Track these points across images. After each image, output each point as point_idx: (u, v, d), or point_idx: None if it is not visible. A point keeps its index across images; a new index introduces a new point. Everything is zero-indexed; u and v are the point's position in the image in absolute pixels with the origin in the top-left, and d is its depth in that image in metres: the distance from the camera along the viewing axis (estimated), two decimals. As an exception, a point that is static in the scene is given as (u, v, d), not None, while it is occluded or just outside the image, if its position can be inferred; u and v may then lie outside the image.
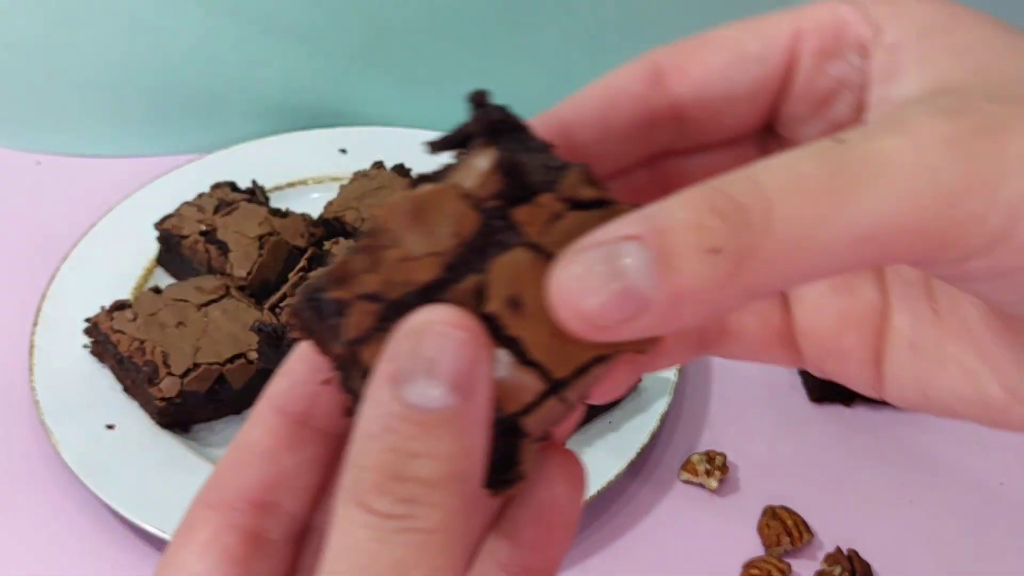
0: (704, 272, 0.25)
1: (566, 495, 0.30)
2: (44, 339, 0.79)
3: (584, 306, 0.26)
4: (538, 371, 0.28)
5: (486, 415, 0.27)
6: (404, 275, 0.28)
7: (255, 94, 1.02)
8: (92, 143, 1.02)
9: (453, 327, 0.26)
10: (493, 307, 0.28)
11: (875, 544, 0.71)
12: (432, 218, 0.28)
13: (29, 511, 0.73)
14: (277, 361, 0.78)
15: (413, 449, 0.26)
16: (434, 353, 0.26)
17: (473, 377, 0.26)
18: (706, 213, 0.26)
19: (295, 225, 0.86)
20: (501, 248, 0.28)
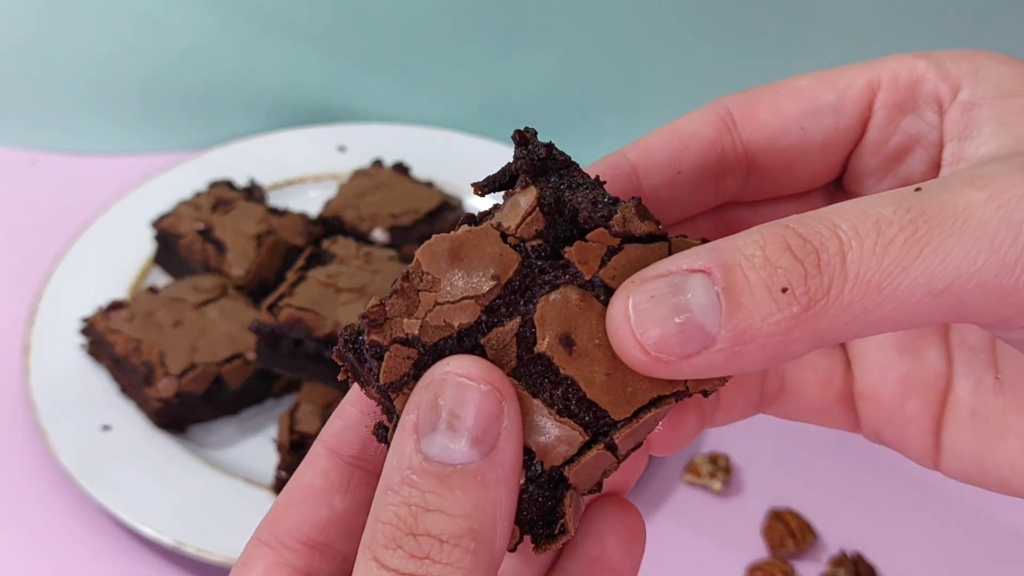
0: (772, 312, 0.25)
1: (619, 551, 0.29)
2: (40, 339, 0.79)
3: (646, 337, 0.25)
4: (589, 415, 0.27)
5: (512, 471, 0.26)
6: (441, 319, 0.27)
7: (253, 90, 1.02)
8: (88, 140, 1.01)
9: (475, 380, 0.26)
10: (544, 347, 0.27)
11: (880, 547, 0.71)
12: (470, 260, 0.27)
13: (25, 513, 0.73)
14: (275, 361, 0.79)
15: (430, 504, 0.25)
16: (454, 406, 0.26)
17: (495, 432, 0.26)
18: (778, 251, 0.25)
19: (293, 224, 0.85)
20: (548, 287, 0.28)
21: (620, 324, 0.26)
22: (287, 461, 0.70)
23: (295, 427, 0.71)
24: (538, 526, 0.28)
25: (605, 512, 0.30)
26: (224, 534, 0.68)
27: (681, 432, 0.31)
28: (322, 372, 0.72)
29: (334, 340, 0.71)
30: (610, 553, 0.29)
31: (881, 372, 0.33)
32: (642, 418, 0.27)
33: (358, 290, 0.73)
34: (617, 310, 0.26)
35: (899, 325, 0.25)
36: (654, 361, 0.25)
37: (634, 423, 0.27)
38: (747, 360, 0.25)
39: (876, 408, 0.33)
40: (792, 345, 0.25)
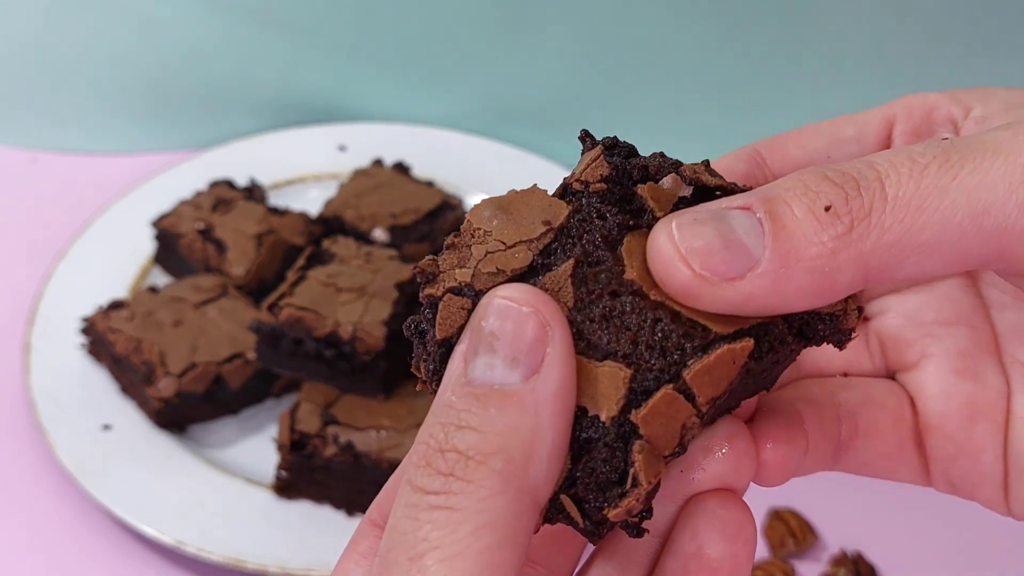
0: (817, 231, 0.25)
1: (717, 548, 0.28)
2: (40, 339, 0.79)
3: (690, 251, 0.25)
4: (669, 349, 0.27)
5: (556, 399, 0.25)
6: (493, 265, 0.27)
7: (253, 90, 1.02)
8: (88, 140, 1.01)
9: (518, 302, 0.26)
10: (634, 275, 0.27)
11: (880, 546, 0.71)
12: (520, 213, 0.28)
13: (25, 512, 0.73)
14: (275, 361, 0.79)
15: (463, 421, 0.25)
16: (495, 327, 0.25)
17: (537, 354, 0.25)
18: (817, 180, 0.26)
19: (293, 223, 0.85)
20: (621, 229, 0.28)
21: (663, 242, 0.26)
22: (288, 460, 0.70)
23: (296, 426, 0.71)
24: (609, 487, 0.26)
25: (703, 506, 0.28)
26: (224, 534, 0.68)
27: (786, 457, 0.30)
28: (322, 371, 0.72)
29: (334, 339, 0.71)
30: (707, 551, 0.28)
31: (944, 399, 0.33)
32: (718, 351, 0.26)
33: (358, 290, 0.73)
34: (660, 231, 0.26)
35: (945, 258, 0.26)
36: (697, 280, 0.25)
37: (709, 356, 0.26)
38: (793, 286, 0.25)
39: (945, 438, 0.33)
40: (839, 271, 0.25)
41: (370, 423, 0.70)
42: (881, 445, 0.33)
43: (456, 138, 1.00)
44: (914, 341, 0.33)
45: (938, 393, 0.33)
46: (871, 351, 0.35)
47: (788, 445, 0.31)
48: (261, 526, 0.69)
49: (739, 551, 0.28)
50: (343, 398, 0.72)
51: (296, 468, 0.70)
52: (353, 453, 0.69)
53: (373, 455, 0.69)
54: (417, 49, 1.00)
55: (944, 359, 0.33)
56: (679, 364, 0.26)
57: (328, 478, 0.70)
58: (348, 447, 0.69)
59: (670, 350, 0.27)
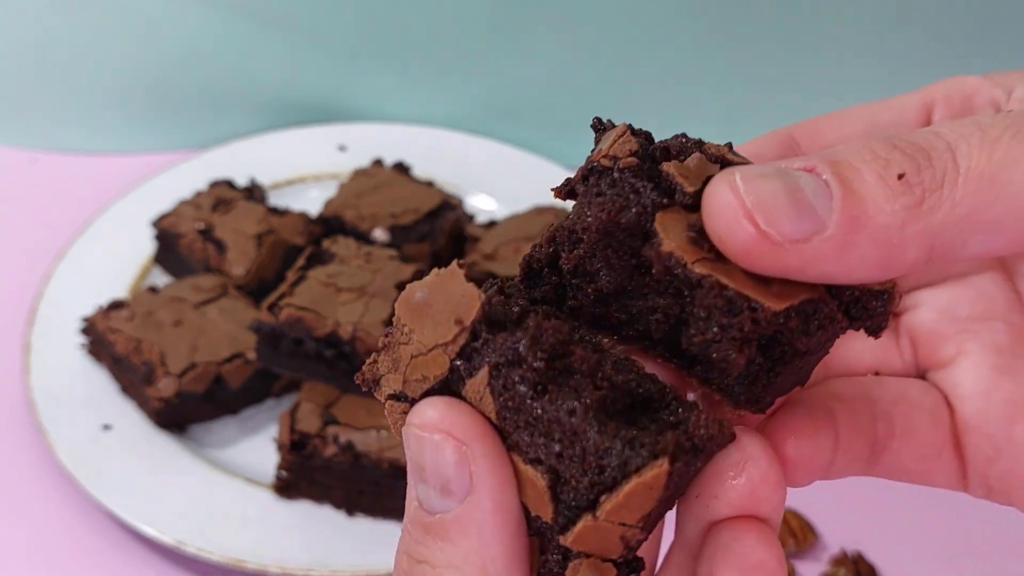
0: (888, 199, 0.24)
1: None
2: (40, 339, 0.79)
3: (756, 205, 0.24)
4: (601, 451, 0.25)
5: (496, 514, 0.25)
6: (419, 372, 0.27)
7: (253, 90, 1.02)
8: (88, 140, 1.02)
9: (428, 430, 0.25)
10: (672, 246, 0.26)
11: (880, 546, 0.71)
12: (437, 305, 0.27)
13: (24, 513, 0.73)
14: (275, 361, 0.78)
15: (418, 555, 0.25)
16: (417, 458, 0.25)
17: (463, 478, 0.25)
18: (887, 148, 0.24)
19: (293, 223, 0.85)
20: (650, 204, 0.27)
21: (726, 195, 0.24)
22: (288, 460, 0.70)
23: (295, 426, 0.71)
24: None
25: (718, 539, 0.27)
26: (224, 533, 0.68)
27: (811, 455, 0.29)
28: (322, 371, 0.72)
29: (334, 339, 0.71)
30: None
31: (984, 397, 0.31)
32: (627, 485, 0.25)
33: (358, 290, 0.73)
34: (721, 183, 0.24)
35: (1013, 236, 0.24)
36: (760, 240, 0.24)
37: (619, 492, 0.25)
38: (858, 255, 0.24)
39: (984, 437, 0.31)
40: (906, 244, 0.24)
41: (370, 423, 0.70)
42: (919, 447, 0.31)
43: (456, 138, 1.00)
44: (949, 337, 0.32)
45: (977, 391, 0.31)
46: (901, 349, 0.33)
47: (813, 441, 0.29)
48: (261, 526, 0.69)
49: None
50: (343, 398, 0.72)
51: (296, 468, 0.70)
52: (353, 453, 0.69)
53: (373, 455, 0.69)
54: (417, 50, 1.00)
55: (982, 356, 0.31)
56: (596, 487, 0.25)
57: (328, 478, 0.70)
58: (348, 447, 0.69)
59: (589, 466, 0.25)
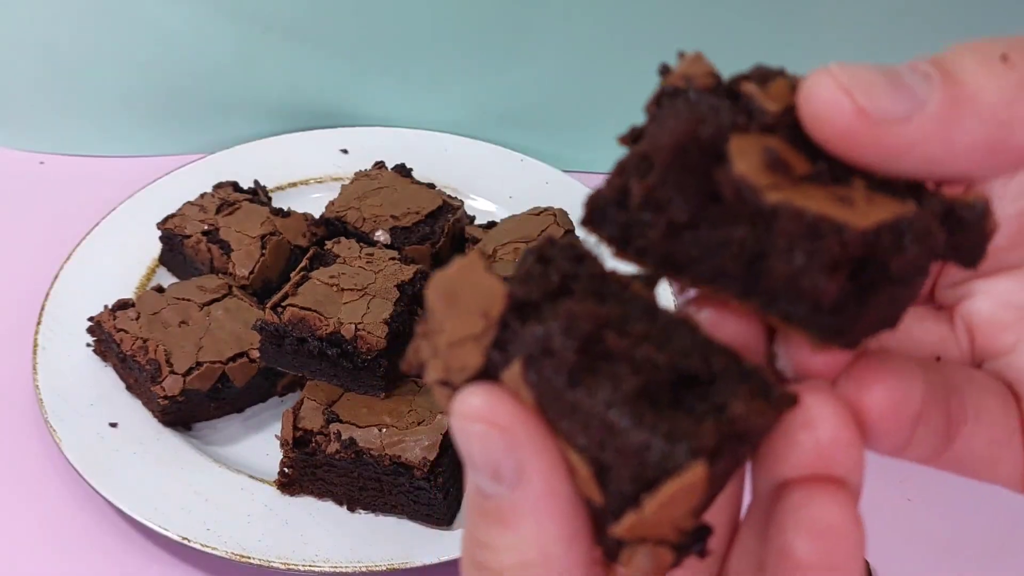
0: (991, 76, 0.23)
1: (805, 549, 0.25)
2: (47, 338, 0.79)
3: (854, 83, 0.24)
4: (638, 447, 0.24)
5: (548, 499, 0.25)
6: (458, 361, 0.26)
7: (257, 95, 1.02)
8: (95, 143, 1.02)
9: (470, 420, 0.25)
10: (742, 168, 0.25)
11: (874, 543, 0.70)
12: (463, 297, 0.26)
13: (32, 509, 0.74)
14: (279, 360, 0.79)
15: (482, 539, 0.26)
16: (464, 447, 0.25)
17: (511, 465, 0.25)
18: (987, 40, 0.24)
19: (297, 225, 0.86)
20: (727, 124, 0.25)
21: (822, 80, 0.24)
22: (291, 457, 0.71)
23: (298, 424, 0.71)
24: None
25: (787, 501, 0.26)
26: (229, 529, 0.69)
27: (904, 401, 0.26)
28: (325, 370, 0.73)
29: (337, 339, 0.72)
30: (794, 550, 0.25)
31: None
32: (666, 488, 0.24)
33: (360, 290, 0.74)
34: (816, 74, 0.24)
35: None
36: (860, 117, 0.23)
37: (660, 492, 0.24)
38: (962, 134, 0.23)
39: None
40: (1015, 123, 0.23)
41: (372, 421, 0.71)
42: (991, 430, 0.29)
43: (456, 141, 1.00)
44: (1010, 324, 0.30)
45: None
46: (958, 338, 0.32)
47: (902, 387, 0.27)
48: (265, 522, 0.70)
49: (833, 549, 0.25)
50: (345, 396, 0.73)
51: (299, 465, 0.71)
52: (355, 450, 0.70)
53: (375, 452, 0.69)
54: (418, 55, 1.01)
55: None
56: (637, 483, 0.24)
57: (330, 474, 0.71)
58: (350, 444, 0.70)
59: (628, 460, 0.24)
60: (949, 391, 0.29)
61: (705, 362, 0.26)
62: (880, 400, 0.26)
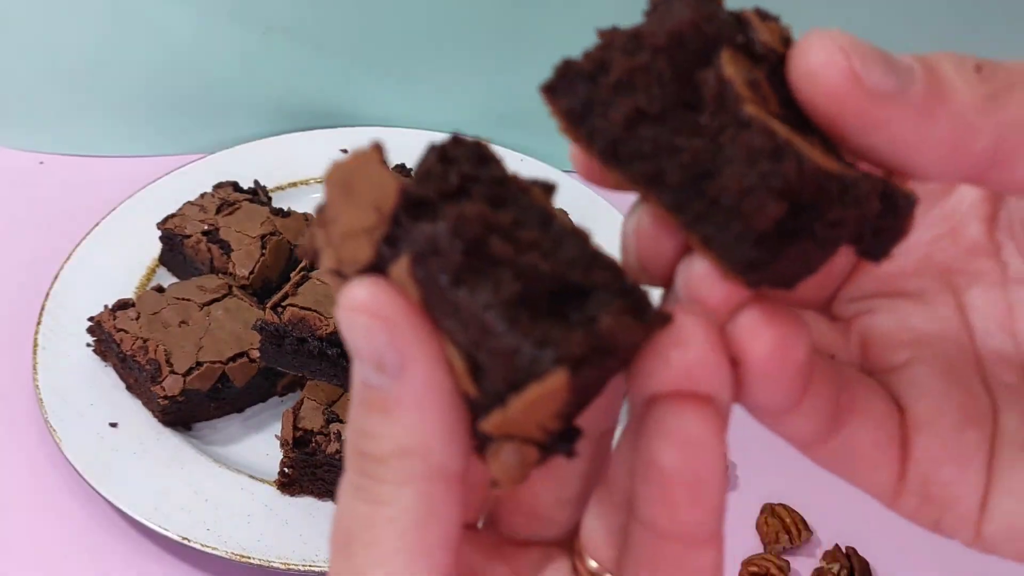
0: (966, 83, 0.25)
1: (670, 459, 0.26)
2: (48, 338, 0.80)
3: (852, 50, 0.25)
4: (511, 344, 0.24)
5: (429, 391, 0.26)
6: (350, 253, 0.26)
7: (257, 95, 1.02)
8: (95, 143, 1.02)
9: (356, 311, 0.26)
10: (730, 72, 0.26)
11: (874, 542, 0.71)
12: (358, 189, 0.26)
13: (33, 509, 0.74)
14: (279, 359, 0.79)
15: (363, 427, 0.26)
16: (349, 336, 0.26)
17: (395, 357, 0.25)
18: (958, 53, 0.26)
19: (297, 225, 0.86)
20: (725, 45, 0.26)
21: (822, 35, 0.25)
22: (291, 457, 0.71)
23: (299, 424, 0.71)
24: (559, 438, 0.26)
25: (655, 411, 0.26)
26: (229, 529, 0.69)
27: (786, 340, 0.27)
28: (325, 370, 0.73)
29: (336, 338, 0.72)
30: (659, 460, 0.26)
31: (938, 399, 0.30)
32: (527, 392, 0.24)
33: (360, 290, 0.74)
34: (816, 31, 0.25)
35: None
36: (852, 80, 0.24)
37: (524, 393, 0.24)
38: (934, 127, 0.25)
39: (935, 438, 0.30)
40: (978, 131, 0.25)
41: (372, 420, 0.71)
42: (876, 431, 0.30)
43: (457, 141, 1.00)
44: (904, 344, 0.32)
45: (932, 392, 0.31)
46: (850, 347, 0.33)
47: (791, 338, 0.26)
48: (265, 522, 0.70)
49: (696, 460, 0.26)
50: (345, 396, 0.73)
51: (299, 465, 0.71)
52: (355, 450, 0.70)
53: (375, 452, 0.69)
54: (418, 55, 1.01)
55: (935, 363, 0.31)
56: (505, 383, 0.25)
57: (330, 474, 0.71)
58: (350, 444, 0.70)
59: (498, 362, 0.25)
60: (841, 382, 0.29)
61: (587, 274, 0.26)
62: (766, 343, 0.26)
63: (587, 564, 0.30)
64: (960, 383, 0.31)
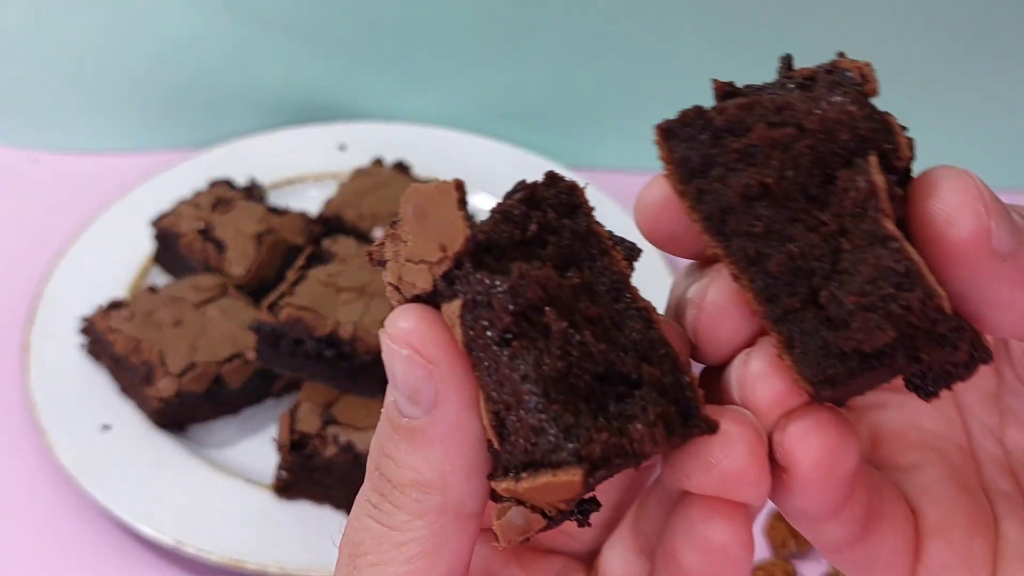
0: None
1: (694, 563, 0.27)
2: (39, 338, 0.79)
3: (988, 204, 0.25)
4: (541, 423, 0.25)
5: (455, 430, 0.26)
6: (410, 276, 0.27)
7: (253, 89, 1.02)
8: (89, 139, 1.01)
9: (398, 343, 0.26)
10: (880, 181, 0.25)
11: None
12: (430, 220, 0.26)
13: (24, 513, 0.73)
14: (275, 360, 0.78)
15: (386, 449, 0.27)
16: (389, 363, 0.27)
17: (428, 392, 0.26)
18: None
19: (293, 223, 0.85)
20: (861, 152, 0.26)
21: (968, 180, 0.25)
22: (288, 461, 0.70)
23: (295, 426, 0.71)
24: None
25: (684, 513, 0.27)
26: (224, 534, 0.68)
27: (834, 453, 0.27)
28: (322, 371, 0.72)
29: (334, 339, 0.71)
30: (682, 560, 0.27)
31: (949, 504, 0.31)
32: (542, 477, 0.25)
33: (358, 289, 0.73)
34: (959, 170, 0.25)
35: None
36: (983, 234, 0.25)
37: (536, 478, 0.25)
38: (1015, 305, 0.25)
39: (948, 544, 0.31)
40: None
41: (370, 423, 0.70)
42: (899, 536, 0.30)
43: (456, 137, 1.00)
44: (914, 445, 0.32)
45: (943, 498, 0.31)
46: (861, 438, 0.32)
47: (841, 447, 0.27)
48: (261, 526, 0.69)
49: (722, 570, 0.27)
50: (343, 398, 0.72)
51: (296, 468, 0.70)
52: (353, 453, 0.69)
53: (373, 455, 0.69)
54: (417, 48, 1.00)
55: (943, 467, 0.32)
56: (524, 458, 0.25)
57: (328, 478, 0.70)
58: (348, 447, 0.69)
59: (522, 435, 0.25)
60: (873, 487, 0.30)
61: (638, 364, 0.26)
62: (816, 453, 0.26)
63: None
64: (966, 489, 0.31)
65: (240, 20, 0.99)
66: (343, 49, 1.01)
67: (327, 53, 1.01)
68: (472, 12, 0.98)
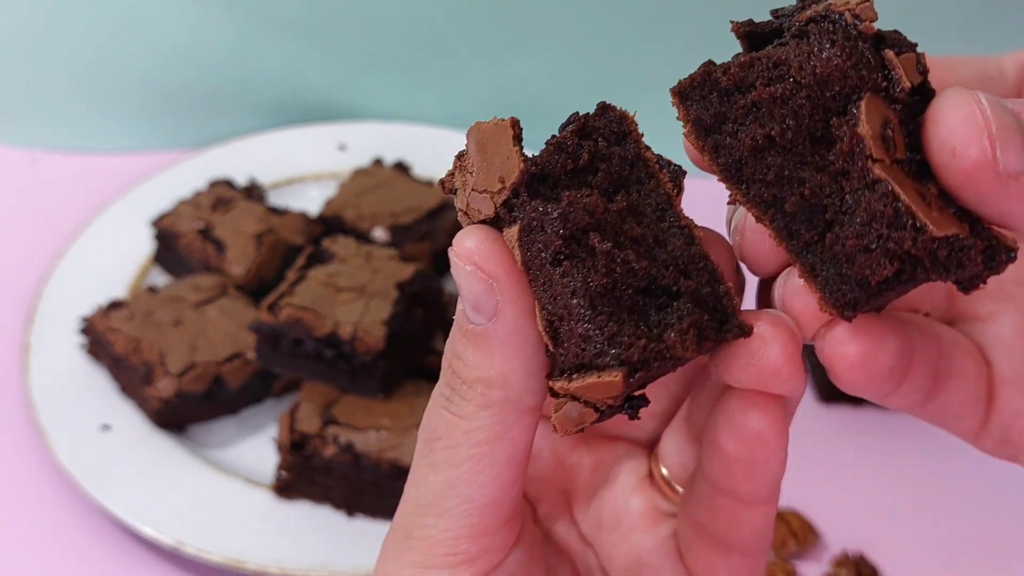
0: None
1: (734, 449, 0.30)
2: (39, 338, 0.79)
3: (999, 134, 0.26)
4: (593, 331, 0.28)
5: (515, 336, 0.29)
6: (475, 205, 0.30)
7: (253, 89, 1.02)
8: (88, 139, 1.01)
9: (463, 259, 0.29)
10: (864, 131, 0.27)
11: (882, 547, 0.71)
12: (490, 154, 0.30)
13: (24, 513, 0.73)
14: (275, 360, 0.78)
15: (457, 351, 0.31)
16: (456, 277, 0.30)
17: (490, 303, 0.29)
18: None
19: (293, 223, 0.85)
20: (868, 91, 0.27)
21: (972, 110, 0.26)
22: (287, 461, 0.70)
23: (295, 427, 0.70)
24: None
25: (725, 405, 0.30)
26: (224, 534, 0.68)
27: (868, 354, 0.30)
28: (322, 371, 0.72)
29: (334, 339, 0.71)
30: (724, 446, 0.31)
31: (1022, 354, 0.33)
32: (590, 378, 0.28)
33: (358, 289, 0.73)
34: (965, 96, 0.26)
35: None
36: (990, 164, 0.25)
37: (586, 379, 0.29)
38: None
39: (1019, 393, 0.33)
40: None
41: (370, 423, 0.70)
42: (969, 391, 0.33)
43: (456, 137, 0.99)
44: (991, 294, 0.33)
45: (1017, 348, 0.33)
46: (934, 296, 0.35)
47: (874, 350, 0.30)
48: (261, 527, 0.69)
49: (758, 455, 0.30)
50: (343, 398, 0.72)
51: (296, 468, 0.70)
52: (353, 453, 0.69)
53: (373, 455, 0.69)
54: (417, 48, 1.00)
55: (1019, 318, 0.33)
56: (574, 362, 0.28)
57: (328, 478, 0.70)
58: (348, 447, 0.69)
59: (572, 343, 0.28)
60: (939, 351, 0.32)
61: (677, 277, 0.29)
62: (851, 357, 0.29)
63: (661, 471, 0.36)
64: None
65: (240, 20, 0.98)
66: (343, 49, 1.01)
67: (327, 53, 1.01)
68: (472, 12, 0.98)
